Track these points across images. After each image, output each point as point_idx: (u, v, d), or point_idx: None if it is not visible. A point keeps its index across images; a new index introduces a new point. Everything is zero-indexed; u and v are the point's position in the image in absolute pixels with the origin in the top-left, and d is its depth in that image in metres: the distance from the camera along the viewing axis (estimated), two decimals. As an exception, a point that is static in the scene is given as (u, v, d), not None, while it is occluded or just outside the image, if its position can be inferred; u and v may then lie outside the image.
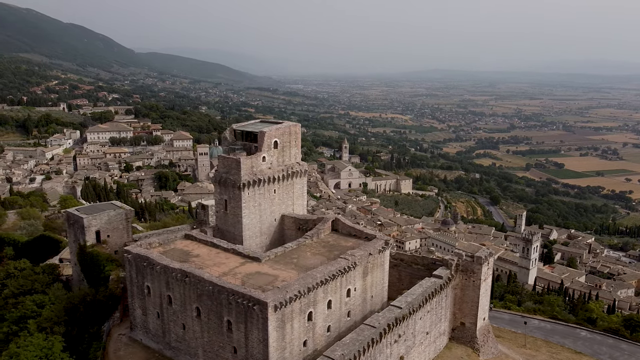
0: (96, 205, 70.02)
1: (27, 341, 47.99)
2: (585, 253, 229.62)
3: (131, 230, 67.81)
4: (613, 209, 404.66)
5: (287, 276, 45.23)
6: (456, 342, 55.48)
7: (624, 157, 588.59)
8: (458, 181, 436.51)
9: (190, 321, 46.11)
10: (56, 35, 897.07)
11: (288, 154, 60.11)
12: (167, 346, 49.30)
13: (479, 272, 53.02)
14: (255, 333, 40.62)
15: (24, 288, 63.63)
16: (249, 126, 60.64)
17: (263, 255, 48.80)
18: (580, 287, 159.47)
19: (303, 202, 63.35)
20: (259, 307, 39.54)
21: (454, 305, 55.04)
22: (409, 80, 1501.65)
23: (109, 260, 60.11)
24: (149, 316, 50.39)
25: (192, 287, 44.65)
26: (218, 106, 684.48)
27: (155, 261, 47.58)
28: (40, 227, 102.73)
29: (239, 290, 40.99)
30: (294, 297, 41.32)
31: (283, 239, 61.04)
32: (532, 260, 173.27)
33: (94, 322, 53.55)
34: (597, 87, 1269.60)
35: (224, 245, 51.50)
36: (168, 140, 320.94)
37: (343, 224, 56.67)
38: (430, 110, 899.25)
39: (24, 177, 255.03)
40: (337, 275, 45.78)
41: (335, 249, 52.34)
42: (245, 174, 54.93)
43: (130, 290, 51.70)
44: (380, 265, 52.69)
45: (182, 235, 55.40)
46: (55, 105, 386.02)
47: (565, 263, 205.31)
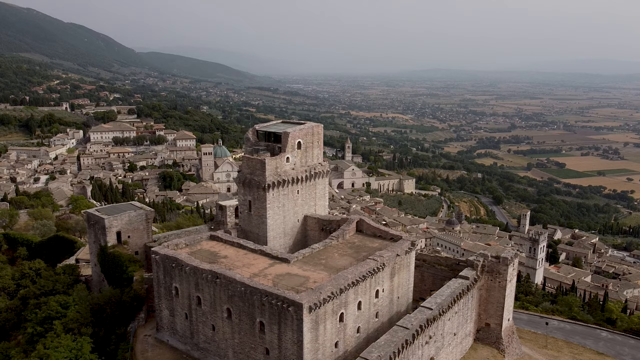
0: (116, 206, 69.91)
1: (56, 342, 47.90)
2: (590, 253, 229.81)
3: (151, 231, 67.72)
4: (615, 209, 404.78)
5: (318, 277, 45.20)
6: (481, 343, 55.49)
7: (625, 157, 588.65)
8: (460, 181, 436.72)
9: (220, 322, 46.07)
10: (57, 34, 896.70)
11: (311, 155, 60.08)
12: (195, 347, 49.26)
13: (505, 273, 53.04)
14: (289, 334, 40.59)
15: (45, 289, 63.57)
16: (272, 127, 60.61)
17: (291, 257, 48.76)
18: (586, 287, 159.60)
19: (325, 203, 63.36)
20: (293, 308, 39.51)
21: (479, 306, 55.05)
22: (409, 80, 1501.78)
23: (131, 261, 60.00)
24: (176, 317, 50.33)
25: (223, 288, 44.60)
26: (219, 106, 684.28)
27: (184, 262, 47.53)
28: (52, 227, 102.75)
29: (273, 292, 40.96)
30: (328, 299, 41.33)
31: (306, 240, 61.04)
32: (539, 260, 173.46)
33: (120, 323, 53.48)
34: (597, 87, 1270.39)
35: (251, 246, 51.44)
36: (171, 140, 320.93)
37: (368, 225, 56.65)
38: (430, 110, 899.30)
39: (27, 176, 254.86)
40: (367, 276, 45.80)
41: (362, 250, 52.33)
42: (269, 174, 54.90)
43: (157, 291, 51.64)
44: (407, 266, 52.70)
45: (208, 236, 55.30)
46: (58, 105, 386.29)
47: (570, 263, 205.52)
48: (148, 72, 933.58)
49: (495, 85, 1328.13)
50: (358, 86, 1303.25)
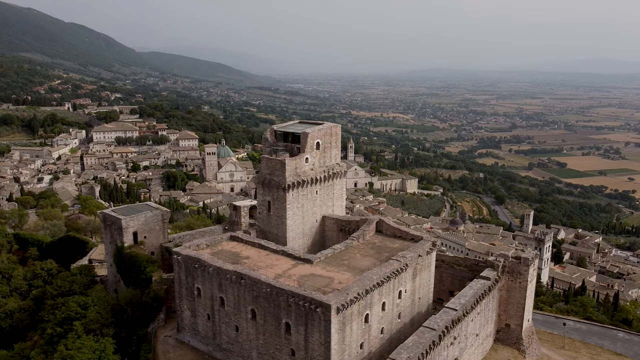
0: (132, 206, 69.82)
1: (78, 343, 47.77)
2: (594, 253, 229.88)
3: (167, 231, 67.63)
4: (617, 209, 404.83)
5: (342, 278, 45.10)
6: (501, 343, 55.41)
7: (627, 157, 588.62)
8: (462, 180, 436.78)
9: (244, 323, 45.96)
10: (57, 34, 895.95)
11: (329, 155, 59.98)
12: (217, 348, 49.14)
13: (526, 273, 52.96)
14: (316, 335, 40.49)
15: (62, 289, 63.49)
16: (290, 127, 60.50)
17: (314, 257, 48.66)
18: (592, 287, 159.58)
19: (342, 203, 63.26)
20: (321, 309, 39.42)
21: (499, 307, 54.96)
22: (409, 80, 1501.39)
23: (149, 261, 59.91)
24: (198, 318, 50.21)
25: (248, 289, 44.49)
26: (220, 105, 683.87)
27: (207, 263, 47.41)
28: (62, 227, 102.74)
29: (300, 293, 40.87)
30: (354, 300, 41.27)
31: (324, 240, 60.94)
32: (544, 260, 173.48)
33: (141, 324, 53.37)
34: (598, 87, 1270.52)
35: (272, 247, 51.33)
36: (174, 140, 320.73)
37: (387, 225, 56.55)
38: (431, 110, 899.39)
39: (31, 177, 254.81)
40: (391, 277, 45.72)
41: (384, 250, 52.23)
42: (289, 175, 54.81)
43: (178, 291, 51.51)
44: (428, 266, 52.64)
45: (228, 237, 55.16)
46: (60, 105, 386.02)
47: (574, 263, 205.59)
48: (149, 72, 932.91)
49: (495, 85, 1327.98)
50: (358, 86, 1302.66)
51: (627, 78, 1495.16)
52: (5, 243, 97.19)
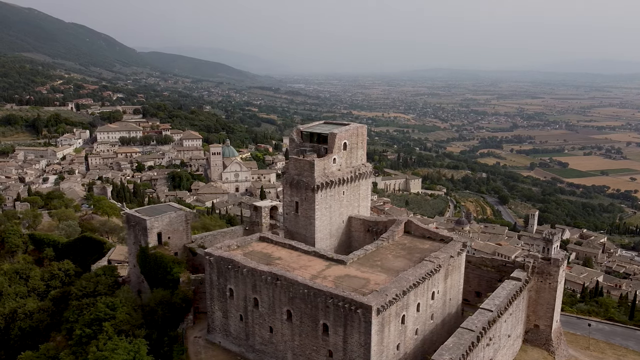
0: (155, 207, 69.70)
1: (111, 344, 47.66)
2: (599, 253, 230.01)
3: (190, 232, 67.54)
4: (619, 209, 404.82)
5: (378, 279, 45.06)
6: (530, 344, 55.39)
7: (628, 157, 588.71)
8: (465, 180, 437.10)
9: (279, 324, 45.88)
10: (58, 34, 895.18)
11: (355, 156, 59.92)
12: (250, 349, 49.05)
13: (556, 274, 52.94)
14: (355, 337, 40.43)
15: (86, 290, 63.34)
16: (316, 128, 60.44)
17: (347, 258, 48.61)
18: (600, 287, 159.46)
19: (367, 204, 63.22)
20: (362, 310, 39.37)
21: (528, 308, 54.94)
22: (410, 80, 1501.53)
23: (175, 262, 59.81)
24: (230, 319, 50.12)
25: (284, 290, 44.42)
26: (222, 105, 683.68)
27: (241, 264, 47.31)
28: (77, 228, 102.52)
29: (339, 294, 40.80)
30: (393, 301, 41.21)
31: (350, 241, 60.91)
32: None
33: (170, 325, 53.29)
34: (598, 86, 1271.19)
35: (304, 248, 51.26)
36: (177, 140, 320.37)
37: (416, 226, 56.52)
38: (432, 110, 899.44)
39: (36, 177, 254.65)
40: (425, 278, 45.68)
41: (414, 251, 52.20)
42: (318, 175, 54.75)
43: (209, 292, 51.42)
44: (458, 267, 52.63)
45: (257, 237, 55.05)
46: (64, 105, 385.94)
47: (581, 263, 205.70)
48: (150, 72, 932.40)
49: (496, 84, 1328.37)
50: (359, 86, 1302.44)
51: (627, 78, 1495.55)
52: (21, 243, 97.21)
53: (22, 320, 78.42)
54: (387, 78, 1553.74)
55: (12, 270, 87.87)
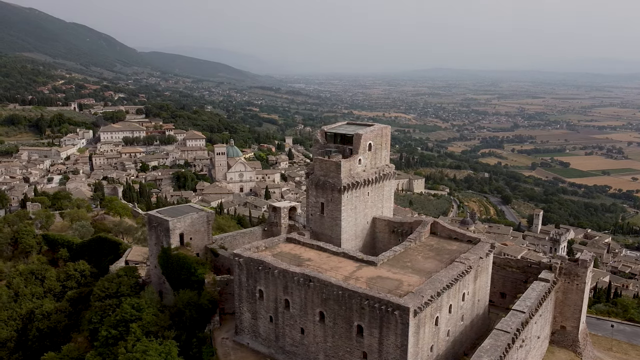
0: (176, 208, 69.54)
1: (141, 345, 47.52)
2: (604, 253, 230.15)
3: (211, 233, 67.40)
4: (622, 208, 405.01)
5: (410, 281, 44.98)
6: (556, 346, 55.31)
7: (629, 156, 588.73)
8: (467, 180, 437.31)
9: (311, 325, 45.77)
10: (59, 34, 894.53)
11: (379, 156, 59.86)
12: (280, 350, 48.94)
13: (584, 275, 52.88)
14: (392, 338, 40.35)
15: (109, 291, 63.18)
16: (340, 128, 60.37)
17: (377, 259, 48.52)
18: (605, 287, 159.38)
19: (391, 205, 63.15)
20: (399, 312, 39.28)
21: (554, 309, 54.86)
22: (410, 79, 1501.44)
23: (199, 263, 59.65)
24: (259, 320, 50.00)
25: (317, 291, 44.31)
26: (223, 105, 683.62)
27: (272, 265, 47.20)
28: (90, 228, 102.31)
29: (375, 295, 40.71)
30: (428, 302, 41.14)
31: (374, 242, 60.83)
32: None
33: (198, 326, 53.17)
34: (599, 86, 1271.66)
35: (332, 249, 51.18)
36: (181, 140, 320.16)
37: (442, 227, 56.46)
38: (433, 109, 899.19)
39: (40, 177, 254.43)
40: (458, 279, 45.62)
41: (443, 252, 52.13)
42: (344, 176, 54.66)
43: (238, 294, 51.27)
44: (486, 268, 52.58)
45: (284, 239, 54.94)
46: (66, 105, 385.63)
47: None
48: (150, 71, 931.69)
49: (496, 84, 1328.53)
50: (359, 85, 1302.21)
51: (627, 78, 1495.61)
52: (35, 244, 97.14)
53: (39, 321, 78.52)
54: (388, 78, 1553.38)
55: (28, 271, 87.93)
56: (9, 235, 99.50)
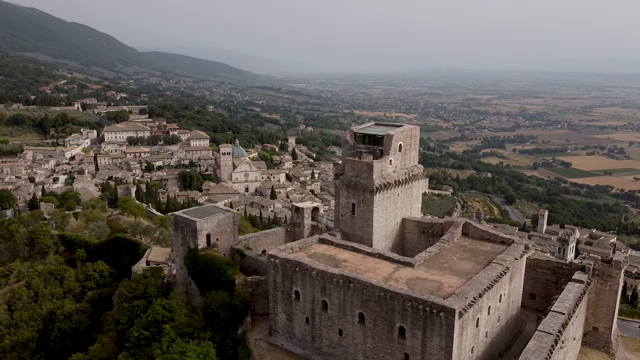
0: (202, 209, 69.36)
1: (178, 346, 47.34)
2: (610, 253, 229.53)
3: (237, 234, 67.25)
4: (624, 208, 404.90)
5: (450, 282, 44.89)
6: (588, 347, 55.25)
7: (631, 156, 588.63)
8: (470, 180, 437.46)
9: (349, 327, 45.64)
10: (60, 34, 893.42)
11: (409, 157, 59.75)
12: (316, 352, 48.79)
13: (617, 276, 52.82)
14: (436, 340, 40.25)
15: (136, 292, 62.97)
16: (369, 129, 60.27)
17: (414, 260, 48.39)
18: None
19: (419, 206, 63.05)
20: (444, 313, 39.18)
21: (587, 310, 54.79)
22: (411, 79, 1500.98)
23: (228, 264, 59.47)
24: (294, 321, 49.86)
25: (357, 292, 44.17)
26: (224, 105, 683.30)
27: (309, 266, 47.06)
28: (106, 228, 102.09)
29: (419, 297, 40.60)
30: (472, 304, 41.05)
31: (403, 243, 60.70)
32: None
33: (230, 327, 53.00)
34: (599, 86, 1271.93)
35: (367, 250, 51.09)
36: (185, 140, 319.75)
37: (474, 228, 56.36)
38: (434, 109, 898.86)
39: (46, 177, 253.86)
40: (497, 280, 45.53)
41: (478, 253, 52.03)
42: (376, 177, 54.52)
43: (272, 295, 51.13)
44: (520, 269, 52.55)
45: (317, 239, 54.81)
46: (70, 104, 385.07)
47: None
48: (151, 71, 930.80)
49: (497, 84, 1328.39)
50: (360, 85, 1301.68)
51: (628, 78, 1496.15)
52: (52, 244, 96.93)
53: (61, 322, 78.43)
54: (388, 78, 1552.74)
55: (47, 271, 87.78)
56: (25, 235, 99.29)
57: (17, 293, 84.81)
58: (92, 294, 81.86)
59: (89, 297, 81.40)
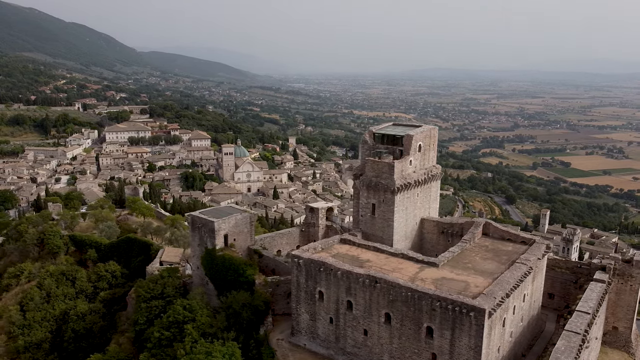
0: (219, 209, 69.39)
1: (203, 347, 47.34)
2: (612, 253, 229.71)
3: (254, 234, 67.28)
4: (624, 208, 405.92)
5: (476, 282, 45.02)
6: (608, 346, 55.44)
7: (630, 156, 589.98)
8: (471, 180, 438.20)
9: (375, 327, 45.71)
10: (59, 34, 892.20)
11: (428, 157, 59.88)
12: (340, 352, 48.85)
13: (638, 276, 52.98)
14: (465, 340, 40.35)
15: (154, 292, 62.92)
16: (388, 129, 60.43)
17: (438, 260, 48.51)
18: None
19: (437, 206, 63.23)
20: (474, 313, 39.29)
21: (607, 310, 54.97)
22: (410, 79, 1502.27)
23: (247, 264, 59.46)
24: (318, 321, 49.90)
25: (383, 292, 44.25)
26: (224, 105, 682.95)
27: (334, 266, 47.13)
28: (116, 229, 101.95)
29: (448, 297, 40.71)
30: (499, 304, 41.17)
31: (422, 243, 60.84)
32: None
33: (253, 328, 53.02)
34: (598, 86, 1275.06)
35: (390, 250, 51.20)
36: (186, 140, 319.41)
37: (495, 228, 56.54)
38: (433, 109, 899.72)
39: (47, 177, 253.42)
40: (522, 280, 45.67)
41: (500, 253, 52.19)
42: (397, 178, 54.63)
43: (295, 295, 51.18)
44: (541, 269, 52.67)
45: (339, 240, 54.89)
46: (70, 104, 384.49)
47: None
48: (150, 71, 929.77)
49: (496, 84, 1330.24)
50: (359, 85, 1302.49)
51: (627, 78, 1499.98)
52: (62, 245, 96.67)
53: (74, 322, 78.30)
54: (387, 78, 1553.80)
55: (58, 272, 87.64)
56: (34, 236, 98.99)
57: (29, 293, 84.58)
58: (105, 295, 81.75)
59: (102, 298, 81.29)
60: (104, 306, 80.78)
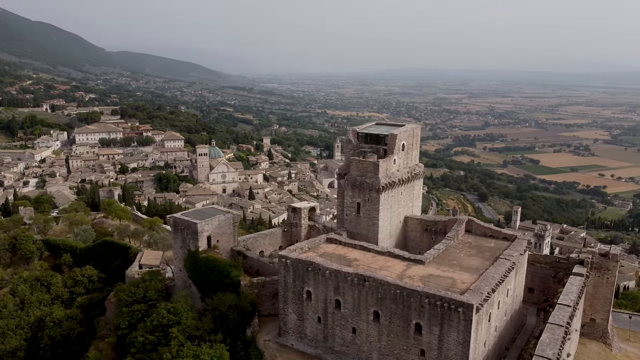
0: (201, 210, 68.59)
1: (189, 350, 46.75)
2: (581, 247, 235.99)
3: (237, 235, 66.79)
4: (591, 204, 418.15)
5: (463, 278, 45.73)
6: (586, 337, 57.05)
7: (596, 153, 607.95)
8: (444, 178, 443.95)
9: (364, 325, 45.97)
10: (24, 33, 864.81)
11: (411, 156, 60.53)
12: (329, 351, 48.94)
13: (614, 269, 54.72)
14: (453, 335, 40.97)
15: (136, 296, 61.81)
16: (372, 129, 60.81)
17: (424, 258, 49.10)
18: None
19: (419, 204, 63.95)
20: (463, 309, 39.93)
21: (585, 302, 56.56)
22: (382, 79, 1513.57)
23: (232, 265, 59.01)
24: (306, 321, 49.89)
25: (372, 290, 44.55)
26: (196, 105, 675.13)
27: (322, 266, 47.20)
28: (92, 232, 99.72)
29: (437, 293, 41.26)
30: (486, 299, 41.93)
31: (405, 241, 61.45)
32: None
33: (239, 329, 52.65)
34: (564, 85, 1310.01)
35: (376, 248, 51.56)
36: (159, 141, 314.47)
37: (477, 225, 57.53)
38: (405, 109, 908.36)
39: (15, 180, 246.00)
40: (506, 276, 46.62)
41: (484, 249, 53.15)
42: (382, 176, 55.06)
43: (282, 295, 51.04)
44: (522, 265, 53.87)
45: (324, 239, 54.97)
46: (38, 106, 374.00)
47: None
48: (120, 71, 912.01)
49: (466, 84, 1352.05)
50: (332, 85, 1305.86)
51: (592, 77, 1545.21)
52: (35, 250, 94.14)
53: (51, 329, 76.26)
54: (360, 78, 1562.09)
55: (32, 278, 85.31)
56: (6, 241, 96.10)
57: (2, 301, 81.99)
58: (82, 300, 79.90)
59: (79, 303, 79.41)
60: (82, 312, 78.86)
